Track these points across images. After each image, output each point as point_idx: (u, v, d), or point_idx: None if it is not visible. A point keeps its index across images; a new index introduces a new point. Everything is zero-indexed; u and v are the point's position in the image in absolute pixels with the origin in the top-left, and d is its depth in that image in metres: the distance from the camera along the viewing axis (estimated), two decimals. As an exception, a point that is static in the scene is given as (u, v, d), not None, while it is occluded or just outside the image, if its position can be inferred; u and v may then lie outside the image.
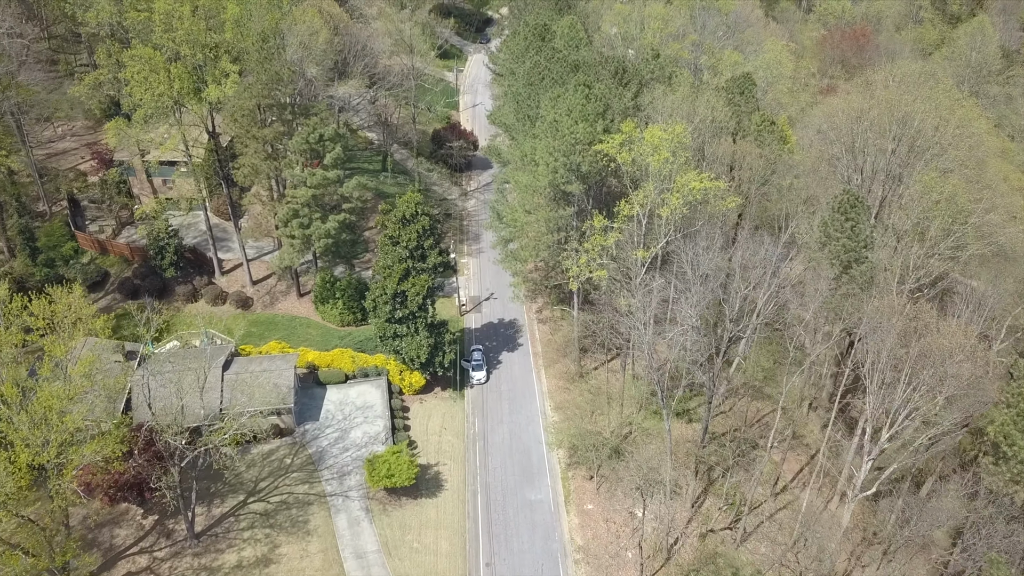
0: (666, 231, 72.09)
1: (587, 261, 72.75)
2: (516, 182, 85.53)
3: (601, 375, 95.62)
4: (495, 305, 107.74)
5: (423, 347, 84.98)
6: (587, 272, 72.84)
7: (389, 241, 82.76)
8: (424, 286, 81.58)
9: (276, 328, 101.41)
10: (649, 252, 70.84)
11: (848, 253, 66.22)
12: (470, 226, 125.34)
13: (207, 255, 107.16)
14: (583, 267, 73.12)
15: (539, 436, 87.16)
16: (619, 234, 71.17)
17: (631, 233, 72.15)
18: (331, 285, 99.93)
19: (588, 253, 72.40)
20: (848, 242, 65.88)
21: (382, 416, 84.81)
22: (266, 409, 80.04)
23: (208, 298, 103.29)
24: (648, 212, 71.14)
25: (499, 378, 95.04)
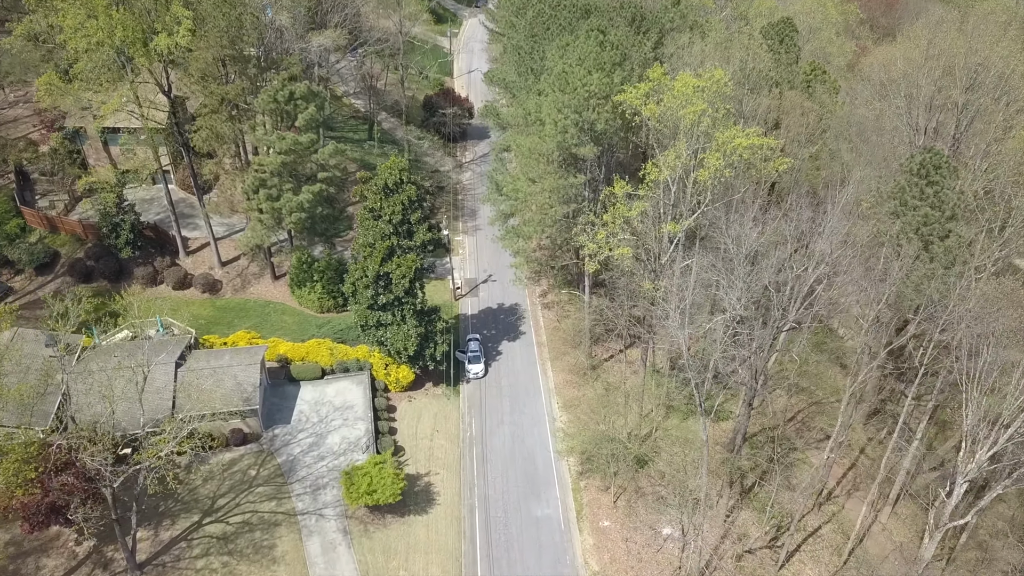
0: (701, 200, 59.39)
1: (606, 237, 60.08)
2: (518, 147, 72.76)
3: (615, 369, 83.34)
4: (494, 288, 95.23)
5: (411, 338, 72.56)
6: (606, 250, 60.26)
7: (370, 215, 70.04)
8: (411, 267, 68.98)
9: (247, 315, 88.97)
10: (680, 225, 58.18)
11: (930, 225, 53.72)
12: (465, 200, 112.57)
13: (170, 233, 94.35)
14: (601, 244, 60.43)
15: (546, 440, 74.97)
16: (644, 203, 58.52)
17: (658, 203, 59.43)
18: (308, 266, 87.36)
19: (607, 227, 59.67)
20: (931, 212, 53.38)
21: (364, 418, 72.49)
22: (226, 412, 67.60)
23: (171, 281, 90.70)
24: (679, 177, 58.42)
25: (499, 372, 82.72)
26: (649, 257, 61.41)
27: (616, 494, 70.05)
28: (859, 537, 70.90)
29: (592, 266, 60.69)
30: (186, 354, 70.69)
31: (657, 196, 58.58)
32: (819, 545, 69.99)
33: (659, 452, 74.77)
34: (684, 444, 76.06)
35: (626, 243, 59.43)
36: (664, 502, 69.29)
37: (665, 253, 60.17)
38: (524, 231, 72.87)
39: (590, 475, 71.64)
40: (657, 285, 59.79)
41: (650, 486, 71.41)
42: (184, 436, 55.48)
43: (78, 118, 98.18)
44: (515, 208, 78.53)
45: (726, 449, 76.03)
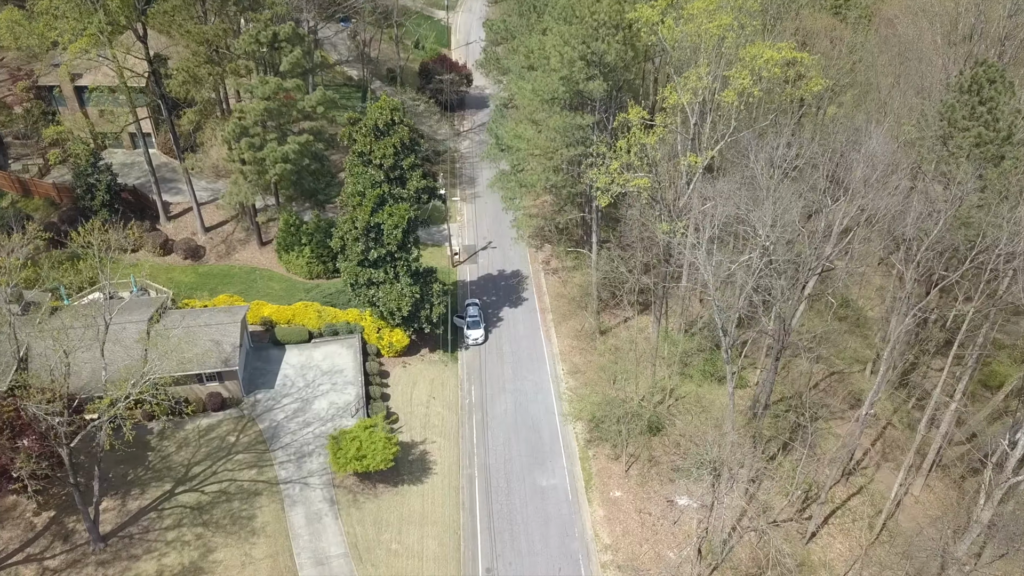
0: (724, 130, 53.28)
1: (620, 168, 53.86)
2: (520, 90, 66.74)
3: (624, 335, 77.21)
4: (494, 255, 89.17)
5: (405, 297, 66.47)
6: (620, 183, 53.90)
7: (359, 160, 63.95)
8: (404, 217, 62.91)
9: (231, 281, 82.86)
10: (702, 158, 52.06)
11: (983, 147, 47.67)
12: (463, 168, 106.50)
13: (150, 197, 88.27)
14: (615, 175, 53.87)
15: (551, 406, 68.87)
16: (663, 130, 52.35)
17: (676, 135, 53.29)
18: (296, 229, 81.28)
19: (621, 157, 53.48)
20: (984, 132, 47.35)
21: (354, 382, 66.37)
22: (203, 372, 61.48)
23: (151, 247, 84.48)
24: (700, 103, 52.32)
25: (500, 337, 76.67)
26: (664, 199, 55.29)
27: (628, 463, 64.02)
28: (890, 511, 64.86)
29: (604, 199, 54.47)
30: (160, 314, 64.45)
31: (675, 126, 52.38)
32: (848, 518, 63.93)
33: (673, 420, 68.70)
34: (700, 411, 70.05)
35: (641, 176, 53.18)
36: (681, 471, 63.28)
37: (683, 191, 54.06)
38: (529, 179, 66.67)
39: (599, 443, 65.59)
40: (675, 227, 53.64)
41: (664, 454, 65.35)
42: (146, 386, 49.25)
43: (53, 78, 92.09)
44: (517, 162, 72.42)
45: (746, 416, 69.98)
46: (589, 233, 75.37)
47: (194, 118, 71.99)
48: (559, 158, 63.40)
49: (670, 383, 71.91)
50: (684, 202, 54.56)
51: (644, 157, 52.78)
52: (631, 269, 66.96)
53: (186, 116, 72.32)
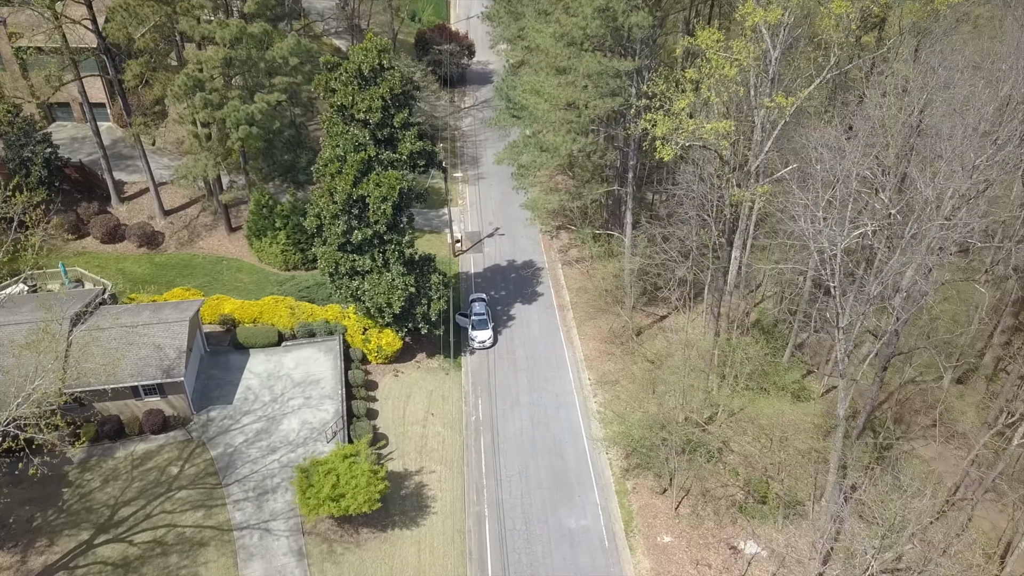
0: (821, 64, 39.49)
1: (688, 107, 39.47)
2: (539, 35, 52.78)
3: (660, 339, 63.34)
4: (502, 243, 75.28)
5: (397, 289, 52.62)
6: (688, 129, 39.08)
7: (338, 115, 50.01)
8: (394, 187, 49.01)
9: (193, 272, 68.99)
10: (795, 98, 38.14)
11: None
12: (465, 148, 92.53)
13: (100, 175, 74.31)
14: (682, 120, 38.99)
15: (576, 424, 55.05)
16: (746, 58, 38.38)
17: (751, 71, 39.30)
18: (269, 211, 67.37)
19: (688, 95, 39.17)
20: None
21: (333, 396, 52.41)
22: (140, 385, 47.52)
23: (99, 232, 70.53)
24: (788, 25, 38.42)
25: (511, 339, 62.80)
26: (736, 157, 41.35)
27: (677, 498, 50.13)
28: (1001, 556, 51.34)
29: (667, 152, 40.38)
30: (90, 311, 50.39)
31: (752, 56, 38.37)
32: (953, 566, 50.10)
33: (728, 441, 54.89)
34: (759, 431, 56.26)
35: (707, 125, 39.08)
36: (747, 510, 49.58)
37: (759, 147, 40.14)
38: (549, 142, 52.55)
39: (639, 472, 51.74)
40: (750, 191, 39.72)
41: (721, 486, 51.57)
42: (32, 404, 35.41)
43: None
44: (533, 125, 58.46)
45: (814, 436, 56.30)
46: (619, 212, 61.50)
47: (139, 71, 57.77)
48: (590, 113, 49.44)
49: (721, 396, 58.03)
50: (760, 162, 40.61)
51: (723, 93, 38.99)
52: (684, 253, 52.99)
53: (129, 69, 58.16)
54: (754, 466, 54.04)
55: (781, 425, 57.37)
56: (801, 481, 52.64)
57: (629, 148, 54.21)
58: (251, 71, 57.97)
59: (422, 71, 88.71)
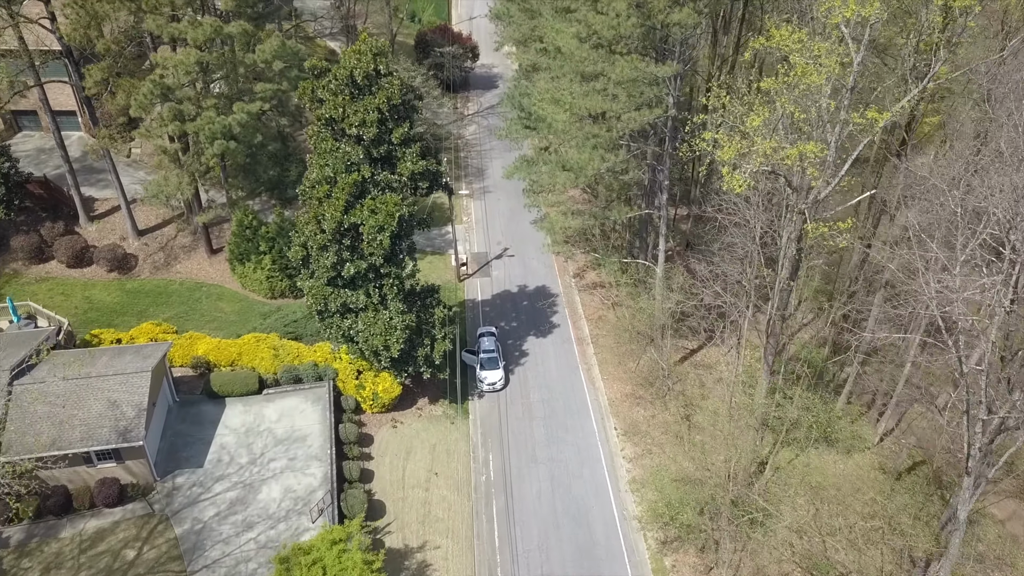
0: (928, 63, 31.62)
1: (762, 129, 31.32)
2: (559, 36, 44.88)
3: (691, 376, 55.60)
4: (512, 266, 67.45)
5: (395, 330, 44.73)
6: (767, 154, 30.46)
7: (327, 130, 42.10)
8: (393, 214, 41.07)
9: (168, 301, 61.19)
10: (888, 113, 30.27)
11: None
12: (469, 158, 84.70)
13: (67, 192, 66.43)
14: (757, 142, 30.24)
15: (603, 485, 47.20)
16: (834, 64, 30.27)
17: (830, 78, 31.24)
18: (253, 233, 59.46)
19: (759, 112, 31.06)
20: None
21: (320, 457, 44.50)
22: (93, 450, 39.63)
23: (64, 255, 62.57)
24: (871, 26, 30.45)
25: (525, 380, 54.96)
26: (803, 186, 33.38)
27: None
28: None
29: (736, 182, 32.19)
30: (32, 360, 42.46)
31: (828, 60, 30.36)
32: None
33: (779, 503, 47.05)
34: (811, 490, 48.44)
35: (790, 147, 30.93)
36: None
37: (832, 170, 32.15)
38: (572, 160, 44.61)
39: (679, 545, 43.85)
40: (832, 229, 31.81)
41: (774, 563, 43.66)
42: None
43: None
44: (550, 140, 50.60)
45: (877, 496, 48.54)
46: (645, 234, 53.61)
47: (100, 77, 49.82)
48: (622, 127, 41.55)
49: (765, 447, 50.15)
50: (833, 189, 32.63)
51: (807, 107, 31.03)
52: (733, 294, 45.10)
53: (89, 75, 50.24)
54: (809, 535, 46.30)
55: (836, 482, 49.81)
56: (866, 554, 44.84)
57: (662, 165, 46.37)
58: (230, 77, 50.06)
59: (423, 76, 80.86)
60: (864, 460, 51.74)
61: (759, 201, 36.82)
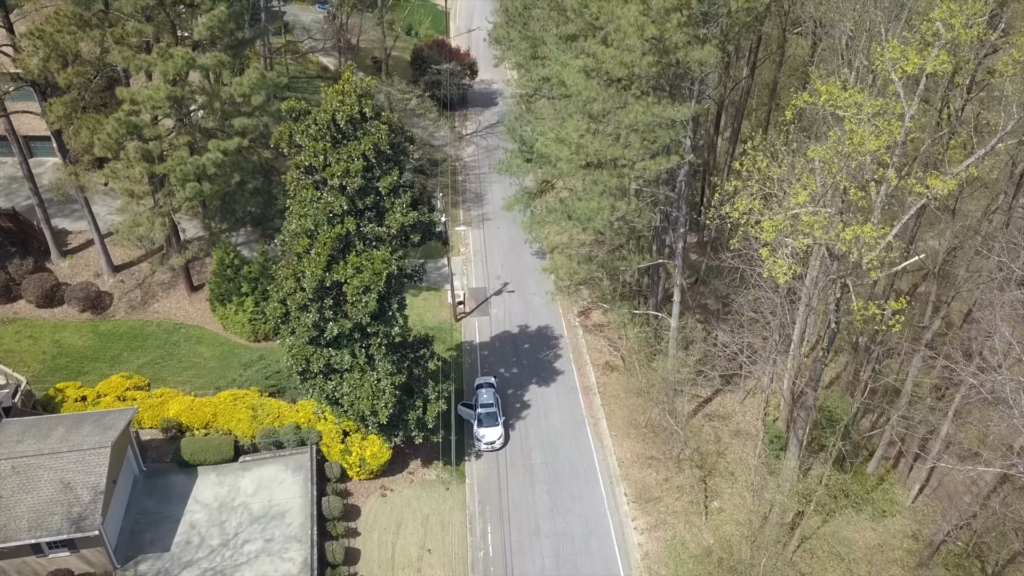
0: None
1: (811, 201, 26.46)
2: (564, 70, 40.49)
3: (705, 430, 51.21)
4: (512, 303, 63.08)
5: (383, 393, 40.33)
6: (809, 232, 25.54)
7: (307, 178, 37.66)
8: (380, 273, 36.63)
9: (144, 344, 56.97)
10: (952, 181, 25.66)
11: None
12: (468, 182, 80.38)
13: (36, 225, 62.14)
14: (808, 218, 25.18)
15: (613, 564, 42.62)
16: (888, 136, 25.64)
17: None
18: (235, 272, 55.11)
19: (807, 184, 26.36)
20: None
21: (301, 537, 40.03)
22: (43, 540, 35.17)
23: (33, 294, 58.29)
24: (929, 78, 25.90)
25: (526, 437, 50.53)
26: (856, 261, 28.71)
27: (751, 677, 37.81)
28: None
29: (780, 269, 27.57)
30: (-18, 429, 38.07)
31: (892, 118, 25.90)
32: None
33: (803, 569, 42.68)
34: (839, 560, 44.04)
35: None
36: None
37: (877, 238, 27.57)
38: (579, 211, 40.18)
39: (698, 636, 39.42)
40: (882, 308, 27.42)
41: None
42: None
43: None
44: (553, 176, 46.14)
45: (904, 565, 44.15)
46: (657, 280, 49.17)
47: (63, 112, 45.38)
48: (635, 173, 37.15)
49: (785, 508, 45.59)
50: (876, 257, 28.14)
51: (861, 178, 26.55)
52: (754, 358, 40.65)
53: (51, 110, 45.80)
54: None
55: (866, 553, 45.36)
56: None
57: (678, 212, 41.95)
58: (205, 111, 45.64)
59: (418, 96, 76.46)
60: (896, 526, 47.25)
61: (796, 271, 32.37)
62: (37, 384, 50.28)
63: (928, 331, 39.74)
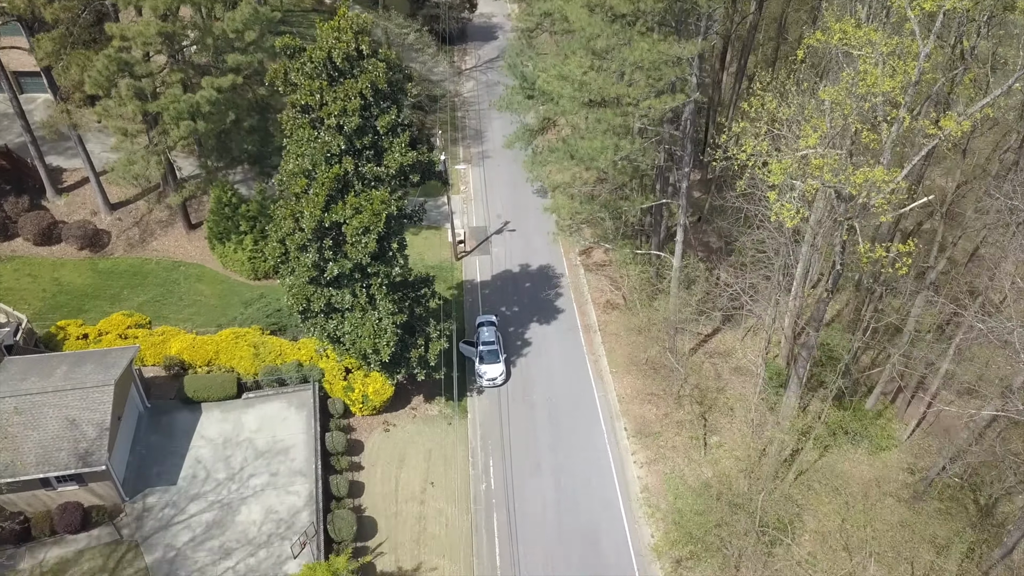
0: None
1: (823, 143, 25.83)
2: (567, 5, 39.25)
3: (706, 367, 51.61)
4: (513, 241, 62.84)
5: (385, 332, 40.45)
6: (818, 175, 25.03)
7: (302, 115, 36.97)
8: (380, 213, 36.30)
9: (144, 282, 56.86)
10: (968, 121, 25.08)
11: None
12: (467, 119, 79.13)
13: (31, 163, 61.37)
14: (824, 160, 24.54)
15: (612, 498, 43.51)
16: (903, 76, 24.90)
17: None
18: (233, 211, 54.68)
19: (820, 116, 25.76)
20: None
21: (305, 472, 40.70)
22: (51, 475, 35.76)
23: (31, 232, 57.94)
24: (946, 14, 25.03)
25: (528, 374, 50.92)
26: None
27: (746, 604, 38.92)
28: None
29: (788, 213, 27.14)
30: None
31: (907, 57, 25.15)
32: None
33: (800, 511, 43.59)
34: (835, 494, 44.88)
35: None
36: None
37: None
38: (582, 150, 39.56)
39: (695, 563, 40.42)
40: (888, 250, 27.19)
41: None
42: None
43: None
44: (555, 113, 45.30)
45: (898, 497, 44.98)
46: (660, 218, 48.89)
47: (51, 48, 44.27)
48: (640, 111, 36.47)
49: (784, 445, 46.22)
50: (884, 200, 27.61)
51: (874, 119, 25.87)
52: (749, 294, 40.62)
53: (39, 46, 44.68)
54: (832, 545, 42.89)
55: (862, 485, 46.18)
56: (896, 567, 41.44)
57: (683, 151, 41.30)
58: (197, 47, 44.54)
59: (416, 30, 74.62)
60: (892, 460, 47.99)
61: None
62: (38, 322, 50.45)
63: (933, 271, 39.57)
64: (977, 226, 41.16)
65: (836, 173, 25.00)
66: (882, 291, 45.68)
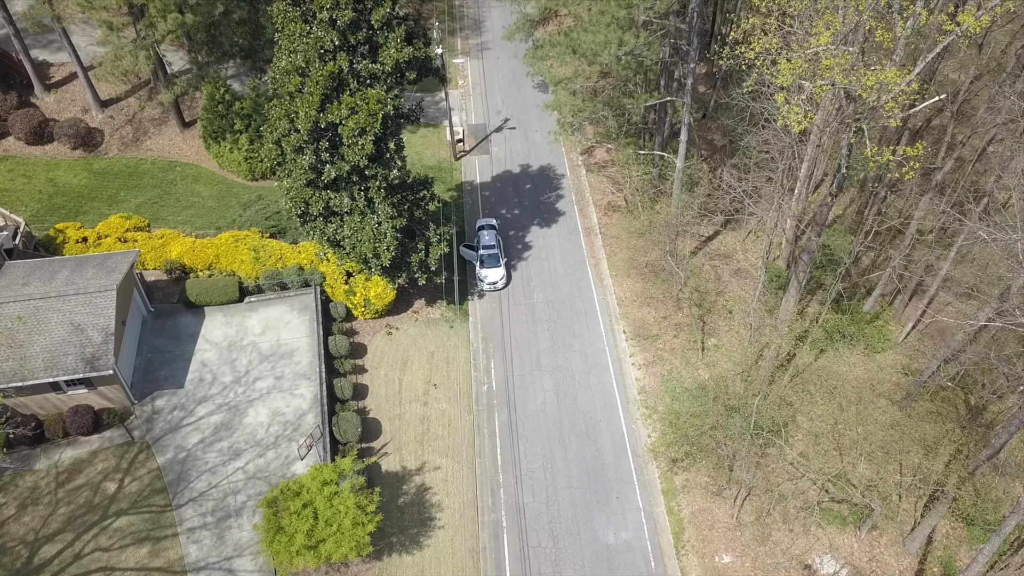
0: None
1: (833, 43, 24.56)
2: None
3: (705, 269, 51.55)
4: (513, 140, 61.54)
5: (385, 236, 40.12)
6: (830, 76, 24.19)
7: (293, 8, 35.33)
8: (376, 114, 35.24)
9: (140, 183, 56.15)
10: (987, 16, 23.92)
11: None
12: (465, 8, 76.00)
13: (16, 57, 59.43)
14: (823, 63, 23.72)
15: (611, 397, 44.31)
16: None
17: None
18: (226, 107, 53.24)
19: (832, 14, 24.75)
20: None
21: (310, 375, 41.29)
22: (60, 379, 36.28)
23: (22, 130, 56.73)
24: None
25: (528, 278, 50.89)
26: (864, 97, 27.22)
27: (738, 500, 40.26)
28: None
29: (796, 118, 26.25)
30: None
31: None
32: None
33: (794, 413, 44.54)
34: (828, 395, 45.72)
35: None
36: (821, 510, 39.96)
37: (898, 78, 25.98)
38: (584, 43, 37.90)
39: (690, 463, 41.62)
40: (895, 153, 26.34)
41: (790, 479, 41.62)
42: None
43: None
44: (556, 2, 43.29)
45: (894, 399, 45.85)
46: (664, 117, 47.62)
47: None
48: (643, 6, 34.75)
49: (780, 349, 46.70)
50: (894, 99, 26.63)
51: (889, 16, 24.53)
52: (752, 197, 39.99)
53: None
54: (824, 445, 44.03)
55: (856, 387, 46.93)
56: (885, 466, 42.70)
57: (689, 45, 39.71)
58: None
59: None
60: (887, 361, 48.61)
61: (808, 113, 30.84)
62: (36, 224, 50.06)
63: (939, 172, 38.79)
64: (987, 125, 40.09)
65: (847, 73, 23.99)
66: (886, 192, 45.00)
